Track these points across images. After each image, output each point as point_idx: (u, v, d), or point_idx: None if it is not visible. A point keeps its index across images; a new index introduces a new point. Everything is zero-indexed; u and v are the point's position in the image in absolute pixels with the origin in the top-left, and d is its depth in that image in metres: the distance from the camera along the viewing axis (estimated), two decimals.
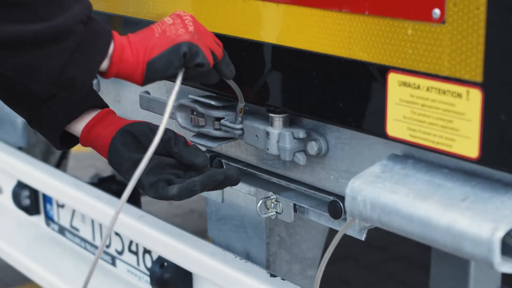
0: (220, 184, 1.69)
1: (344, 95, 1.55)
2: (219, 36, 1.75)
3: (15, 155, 2.97)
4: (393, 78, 1.44)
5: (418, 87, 1.41)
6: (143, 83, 1.54)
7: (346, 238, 2.03)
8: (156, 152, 1.62)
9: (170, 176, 1.69)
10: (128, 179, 1.61)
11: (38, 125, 1.84)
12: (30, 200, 2.93)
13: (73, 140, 1.84)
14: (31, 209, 2.93)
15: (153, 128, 1.71)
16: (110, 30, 1.51)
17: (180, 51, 1.52)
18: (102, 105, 1.83)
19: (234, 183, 1.71)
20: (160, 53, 1.51)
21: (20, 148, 3.10)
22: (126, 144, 1.71)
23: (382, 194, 1.41)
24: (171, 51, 1.52)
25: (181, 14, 1.60)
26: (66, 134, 1.82)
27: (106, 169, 4.69)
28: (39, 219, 2.95)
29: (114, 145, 1.71)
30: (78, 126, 1.79)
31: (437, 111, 1.39)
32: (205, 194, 2.28)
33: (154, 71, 1.52)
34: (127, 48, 1.51)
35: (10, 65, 1.42)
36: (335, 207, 1.71)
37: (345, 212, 1.70)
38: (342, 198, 1.72)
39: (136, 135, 1.71)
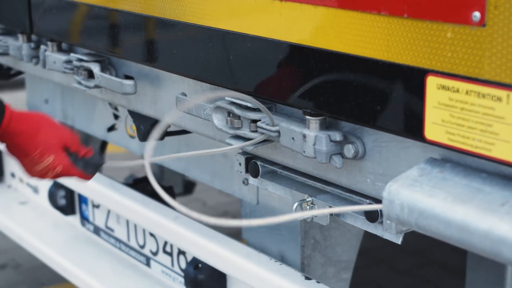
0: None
1: (382, 98, 1.54)
2: (256, 38, 1.76)
3: None
4: (431, 81, 1.43)
5: (457, 91, 1.40)
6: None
7: (380, 241, 2.02)
8: None
9: None
10: None
11: None
12: (65, 200, 2.95)
13: None
14: (67, 209, 2.96)
15: None
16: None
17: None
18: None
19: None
20: None
21: None
22: None
23: (420, 198, 1.40)
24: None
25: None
26: None
27: (140, 170, 4.71)
28: (75, 219, 2.98)
29: None
30: None
31: (476, 114, 1.38)
32: (240, 196, 2.29)
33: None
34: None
35: None
36: (372, 210, 1.70)
37: (381, 216, 1.69)
38: (378, 201, 1.71)
39: None
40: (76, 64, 2.42)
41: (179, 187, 3.69)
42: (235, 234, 2.35)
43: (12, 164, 3.36)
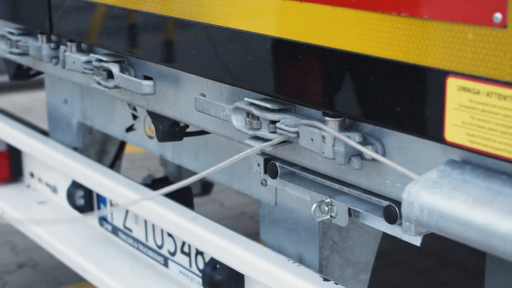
0: None
1: (401, 100, 1.53)
2: (275, 39, 1.76)
3: (70, 155, 3.01)
4: (452, 83, 1.43)
5: (478, 92, 1.39)
6: None
7: (398, 243, 2.01)
8: None
9: None
10: None
11: None
12: (84, 200, 2.96)
13: None
14: (85, 209, 2.97)
15: None
16: None
17: None
18: None
19: None
20: None
21: (75, 149, 3.14)
22: None
23: (440, 200, 1.40)
24: None
25: None
26: None
27: (158, 170, 4.73)
28: (93, 219, 2.99)
29: None
30: None
31: (497, 116, 1.37)
32: (258, 197, 2.29)
33: None
34: None
35: None
36: (391, 211, 1.70)
37: (401, 217, 1.69)
38: (397, 203, 1.71)
39: None
40: (95, 64, 2.43)
41: (197, 187, 3.69)
42: (253, 234, 2.35)
43: (31, 164, 3.38)
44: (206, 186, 3.77)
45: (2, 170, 3.42)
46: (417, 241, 1.68)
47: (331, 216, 1.85)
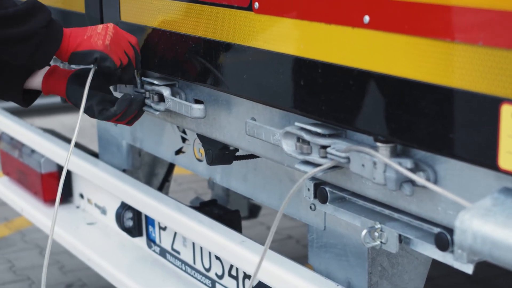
0: (130, 103, 2.39)
1: (455, 126, 1.53)
2: (326, 64, 1.77)
3: (119, 177, 3.03)
4: (507, 110, 1.42)
5: None
6: (67, 61, 2.30)
7: (446, 269, 2.00)
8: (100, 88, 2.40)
9: (110, 105, 2.39)
10: (84, 110, 2.34)
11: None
12: (133, 222, 2.98)
13: (33, 95, 2.48)
14: (134, 231, 2.99)
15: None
16: (62, 29, 2.26)
17: (93, 55, 2.26)
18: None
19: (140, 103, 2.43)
20: (80, 50, 2.26)
21: (124, 171, 3.17)
22: (79, 82, 2.37)
23: (493, 229, 1.39)
24: (86, 53, 2.27)
25: (108, 26, 2.33)
26: (25, 93, 2.45)
27: (206, 192, 4.75)
28: (141, 241, 3.00)
29: (69, 85, 2.40)
30: (36, 81, 2.44)
31: None
32: (307, 221, 2.28)
33: (73, 59, 2.28)
34: (67, 42, 2.27)
35: None
36: (442, 239, 1.69)
37: (452, 244, 1.67)
38: (449, 230, 1.69)
39: (85, 76, 2.34)
40: (147, 87, 2.46)
41: (245, 210, 3.70)
42: (300, 258, 2.34)
43: (81, 185, 3.42)
44: (253, 209, 3.77)
45: (52, 190, 3.46)
46: (469, 269, 1.67)
47: (381, 242, 1.84)
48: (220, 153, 2.42)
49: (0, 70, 2.40)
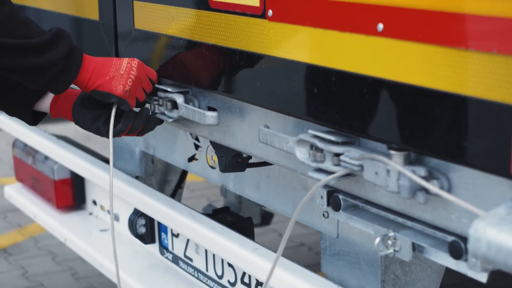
0: (147, 123, 2.45)
1: (468, 134, 1.52)
2: (340, 72, 1.77)
3: (132, 184, 3.04)
4: None
5: None
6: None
7: (458, 278, 1.99)
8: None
9: (117, 123, 2.41)
10: (91, 131, 2.43)
11: (8, 109, 2.46)
12: (145, 229, 2.99)
13: (41, 115, 2.52)
14: (146, 238, 2.99)
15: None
16: (81, 60, 2.24)
17: (111, 99, 2.29)
18: None
19: (155, 121, 2.48)
20: (100, 90, 2.28)
21: (137, 177, 3.17)
22: (85, 106, 2.41)
23: (508, 237, 1.38)
24: (106, 94, 2.29)
25: (133, 66, 2.33)
26: (34, 113, 2.48)
27: (218, 199, 4.75)
28: (154, 247, 3.01)
29: (76, 108, 2.42)
30: (45, 104, 2.46)
31: None
32: (320, 229, 2.28)
33: (93, 95, 2.31)
34: (88, 77, 2.27)
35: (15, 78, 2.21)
36: (456, 247, 1.68)
37: (466, 253, 1.66)
38: (462, 238, 1.69)
39: (91, 98, 2.37)
40: (160, 95, 2.46)
41: (257, 218, 3.70)
42: (313, 266, 2.34)
43: (93, 192, 3.43)
44: (266, 217, 3.77)
45: (65, 197, 3.48)
46: (483, 277, 1.66)
47: (394, 250, 1.84)
48: (233, 160, 2.42)
49: (13, 90, 2.42)
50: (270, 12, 2.00)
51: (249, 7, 2.06)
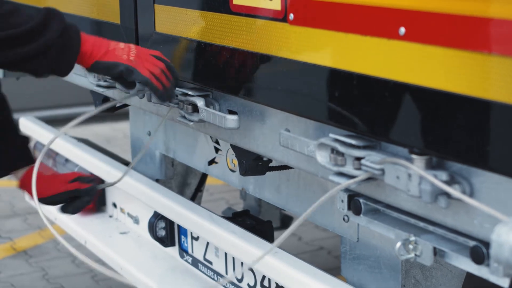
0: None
1: (491, 139, 1.52)
2: (362, 76, 1.77)
3: (152, 187, 3.04)
4: None
5: None
6: (88, 69, 2.27)
7: (479, 282, 1.98)
8: None
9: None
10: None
11: None
12: (165, 232, 2.99)
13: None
14: (166, 241, 3.00)
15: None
16: (79, 34, 2.21)
17: (118, 68, 2.24)
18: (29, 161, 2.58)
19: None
20: (105, 61, 2.23)
21: (157, 180, 3.18)
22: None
23: None
24: (111, 64, 2.24)
25: (130, 45, 2.31)
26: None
27: (237, 202, 4.75)
28: (174, 250, 3.01)
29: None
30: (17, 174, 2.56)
31: None
32: (340, 232, 2.28)
33: (97, 69, 2.26)
34: (90, 49, 2.23)
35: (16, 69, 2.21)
36: (478, 252, 1.67)
37: (488, 258, 1.66)
38: (484, 243, 1.68)
39: None
40: (181, 98, 2.47)
41: (276, 221, 3.70)
42: (332, 270, 2.34)
43: (114, 195, 3.44)
44: (285, 220, 3.77)
45: None
46: (505, 283, 1.65)
47: (415, 255, 1.83)
48: (253, 163, 2.42)
49: None
50: (291, 16, 2.00)
51: (271, 11, 2.06)
